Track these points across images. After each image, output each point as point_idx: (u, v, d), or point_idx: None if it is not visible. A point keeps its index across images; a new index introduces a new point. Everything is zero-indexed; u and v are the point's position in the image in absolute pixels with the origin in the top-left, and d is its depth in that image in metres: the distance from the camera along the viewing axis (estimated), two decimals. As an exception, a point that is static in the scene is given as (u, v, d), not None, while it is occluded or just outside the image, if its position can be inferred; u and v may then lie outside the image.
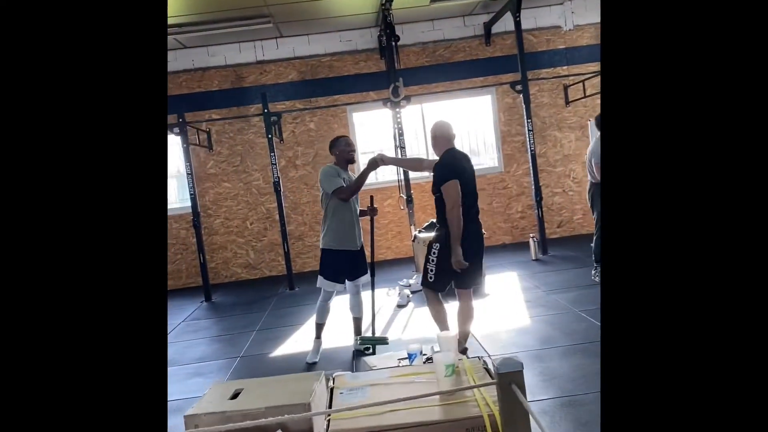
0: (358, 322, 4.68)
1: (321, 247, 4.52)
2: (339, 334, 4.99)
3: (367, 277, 4.65)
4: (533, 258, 7.46)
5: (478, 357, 2.28)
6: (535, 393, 3.45)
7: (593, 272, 6.06)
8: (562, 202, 8.98)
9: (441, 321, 3.95)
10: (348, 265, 4.48)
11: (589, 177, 5.92)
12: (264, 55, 8.66)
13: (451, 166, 3.79)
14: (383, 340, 4.49)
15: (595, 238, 6.02)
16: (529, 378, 3.70)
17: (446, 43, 8.79)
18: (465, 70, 8.74)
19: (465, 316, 3.93)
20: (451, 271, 3.74)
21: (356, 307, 4.65)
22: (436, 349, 2.60)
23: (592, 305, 5.08)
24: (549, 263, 7.20)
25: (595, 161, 5.57)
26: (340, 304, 5.03)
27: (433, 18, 8.65)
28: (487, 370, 2.08)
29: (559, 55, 8.88)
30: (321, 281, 4.49)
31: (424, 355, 2.60)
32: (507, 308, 5.38)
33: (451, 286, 3.96)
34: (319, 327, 4.59)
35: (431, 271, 3.84)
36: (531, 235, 7.75)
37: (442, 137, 3.96)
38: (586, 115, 8.84)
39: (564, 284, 6.00)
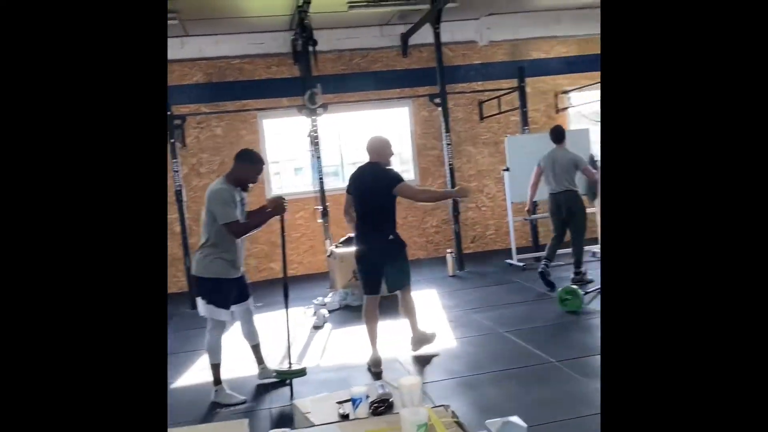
0: (257, 349, 4.22)
1: (202, 275, 3.87)
2: (239, 361, 4.53)
3: (251, 300, 4.18)
4: (450, 274, 7.31)
5: (444, 406, 1.97)
6: (473, 426, 3.19)
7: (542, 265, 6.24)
8: (475, 218, 8.95)
9: (371, 335, 4.32)
10: (235, 289, 3.96)
11: (558, 186, 6.12)
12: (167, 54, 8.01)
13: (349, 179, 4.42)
14: (301, 372, 4.05)
15: (552, 244, 6.33)
16: (465, 408, 3.45)
17: (363, 52, 8.54)
18: (382, 80, 8.52)
19: (405, 311, 4.45)
20: (363, 271, 4.35)
21: (252, 333, 4.18)
22: (380, 391, 2.26)
23: (515, 326, 4.94)
24: (467, 280, 7.07)
25: (581, 166, 6.07)
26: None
27: (350, 26, 8.37)
28: (459, 424, 1.77)
29: (475, 70, 8.88)
30: (208, 309, 3.86)
31: (372, 399, 2.24)
32: (431, 329, 5.12)
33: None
34: (216, 368, 3.95)
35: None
36: (449, 250, 7.61)
37: (368, 152, 4.38)
38: (500, 131, 8.88)
39: (484, 302, 5.85)
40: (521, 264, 7.38)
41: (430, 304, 5.99)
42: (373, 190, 4.20)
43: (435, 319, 5.44)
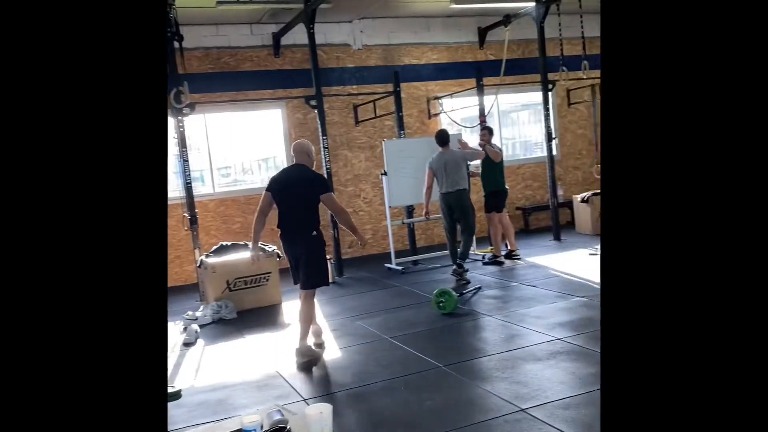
0: None
1: None
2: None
3: None
4: (330, 281, 7.11)
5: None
6: (367, 442, 3.02)
7: (454, 269, 6.50)
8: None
9: (303, 321, 4.44)
10: None
11: (448, 187, 6.46)
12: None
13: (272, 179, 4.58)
14: (175, 396, 3.66)
15: (451, 242, 6.79)
16: (354, 422, 3.27)
17: (232, 51, 8.12)
18: (253, 80, 8.15)
19: (301, 313, 4.48)
20: (291, 266, 4.56)
21: None
22: (275, 418, 2.01)
23: (400, 331, 4.85)
24: (347, 286, 6.92)
25: (470, 159, 6.62)
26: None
27: (218, 23, 7.94)
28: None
29: (349, 73, 8.78)
30: None
31: (267, 429, 1.98)
32: (321, 340, 4.89)
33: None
34: None
35: None
36: (328, 256, 7.40)
37: (295, 153, 4.59)
38: (375, 135, 8.84)
39: (367, 309, 5.73)
40: (400, 268, 7.37)
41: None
42: (301, 190, 4.39)
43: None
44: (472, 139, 8.03)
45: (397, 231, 8.43)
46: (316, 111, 7.32)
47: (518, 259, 7.26)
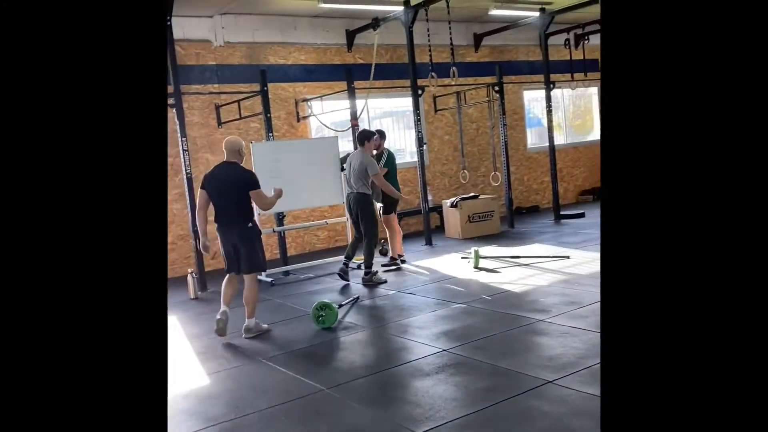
0: None
1: None
2: None
3: None
4: (192, 297, 6.51)
5: None
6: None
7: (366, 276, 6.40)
8: (214, 232, 8.19)
9: (225, 299, 4.97)
10: None
11: (351, 188, 6.47)
12: None
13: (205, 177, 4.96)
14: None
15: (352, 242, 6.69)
16: (232, 465, 2.84)
17: (74, 41, 7.20)
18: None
19: (245, 296, 4.96)
20: (224, 254, 5.00)
21: None
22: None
23: (276, 350, 4.45)
24: (213, 301, 6.33)
25: (371, 172, 6.32)
26: None
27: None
28: None
29: (210, 71, 8.18)
30: None
31: None
32: (174, 364, 4.33)
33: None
34: None
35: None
36: (189, 269, 6.78)
37: (226, 151, 4.92)
38: (240, 138, 8.28)
39: (236, 327, 5.22)
40: (270, 279, 6.92)
41: (170, 334, 5.15)
42: (232, 186, 4.78)
43: (179, 352, 4.65)
44: (344, 144, 7.79)
45: (266, 240, 7.96)
46: (174, 110, 6.68)
47: (398, 265, 7.13)
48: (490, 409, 3.07)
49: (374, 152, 6.78)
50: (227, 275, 5.04)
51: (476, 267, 6.60)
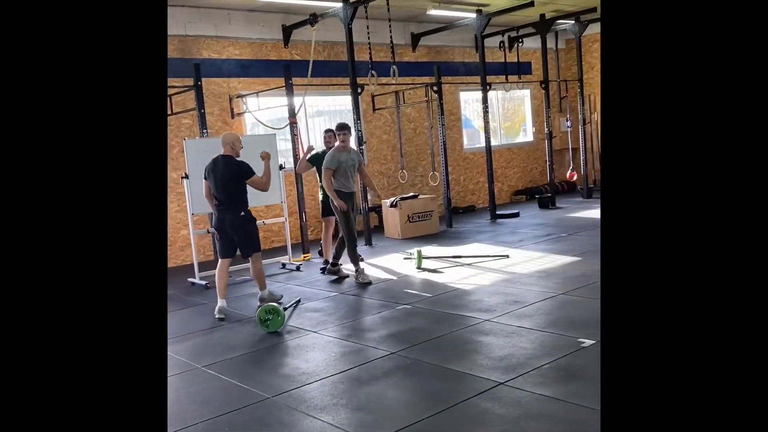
0: None
1: None
2: None
3: None
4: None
5: None
6: None
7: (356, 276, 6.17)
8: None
9: (220, 288, 5.43)
10: None
11: (346, 186, 6.20)
12: None
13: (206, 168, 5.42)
14: None
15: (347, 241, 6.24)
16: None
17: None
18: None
19: (253, 274, 5.58)
20: (220, 239, 5.48)
21: None
22: None
23: (216, 357, 4.24)
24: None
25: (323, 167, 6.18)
26: None
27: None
28: None
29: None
30: None
31: None
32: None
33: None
34: None
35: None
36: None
37: (222, 145, 5.35)
38: (171, 134, 7.94)
39: (172, 332, 4.93)
40: (204, 282, 6.64)
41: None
42: (225, 177, 5.23)
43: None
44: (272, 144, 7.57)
45: (198, 241, 7.65)
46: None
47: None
48: (443, 414, 3.01)
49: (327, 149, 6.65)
50: (220, 261, 5.44)
51: (419, 267, 6.56)
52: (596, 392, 3.04)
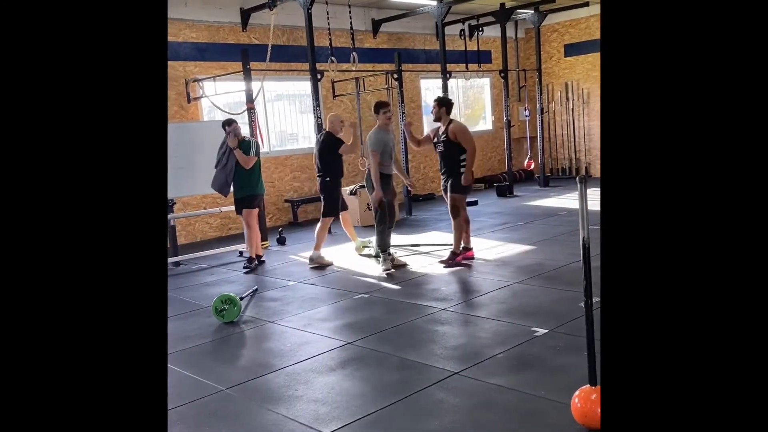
0: None
1: None
2: None
3: None
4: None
5: None
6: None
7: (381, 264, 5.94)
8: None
9: (320, 241, 6.51)
10: None
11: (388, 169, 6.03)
12: None
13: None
14: None
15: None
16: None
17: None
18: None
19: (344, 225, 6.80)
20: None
21: None
22: None
23: (170, 348, 4.15)
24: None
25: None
26: None
27: None
28: None
29: None
30: None
31: None
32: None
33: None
34: None
35: None
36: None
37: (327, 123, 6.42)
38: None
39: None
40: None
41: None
42: (323, 149, 6.41)
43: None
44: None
45: (154, 228, 7.48)
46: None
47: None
48: (399, 404, 3.02)
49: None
50: (323, 220, 6.54)
51: (377, 255, 6.56)
52: (549, 381, 3.12)
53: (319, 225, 6.48)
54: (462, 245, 5.98)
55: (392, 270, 5.81)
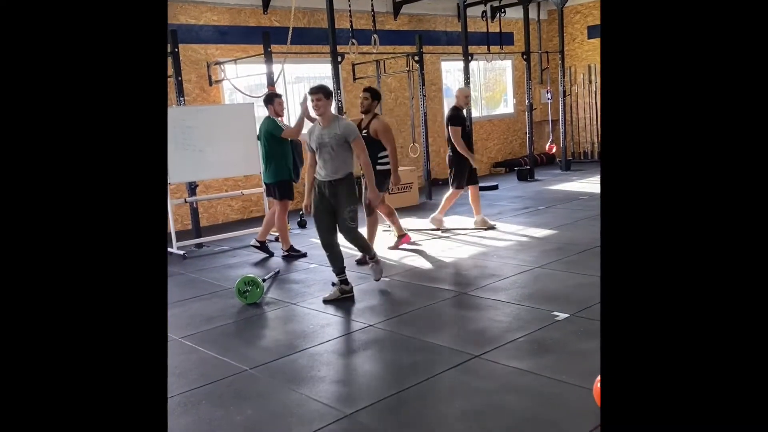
0: None
1: None
2: None
3: None
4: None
5: None
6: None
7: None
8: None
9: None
10: None
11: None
12: None
13: None
14: None
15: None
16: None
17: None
18: None
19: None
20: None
21: None
22: None
23: (193, 329, 4.23)
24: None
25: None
26: None
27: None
28: None
29: (113, 28, 7.55)
30: None
31: None
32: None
33: None
34: None
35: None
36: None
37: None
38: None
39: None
40: (182, 252, 6.59)
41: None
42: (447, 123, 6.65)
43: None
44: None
45: (176, 210, 7.57)
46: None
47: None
48: (421, 386, 3.05)
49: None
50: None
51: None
52: (570, 366, 3.12)
53: (448, 193, 6.96)
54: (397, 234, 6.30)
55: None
